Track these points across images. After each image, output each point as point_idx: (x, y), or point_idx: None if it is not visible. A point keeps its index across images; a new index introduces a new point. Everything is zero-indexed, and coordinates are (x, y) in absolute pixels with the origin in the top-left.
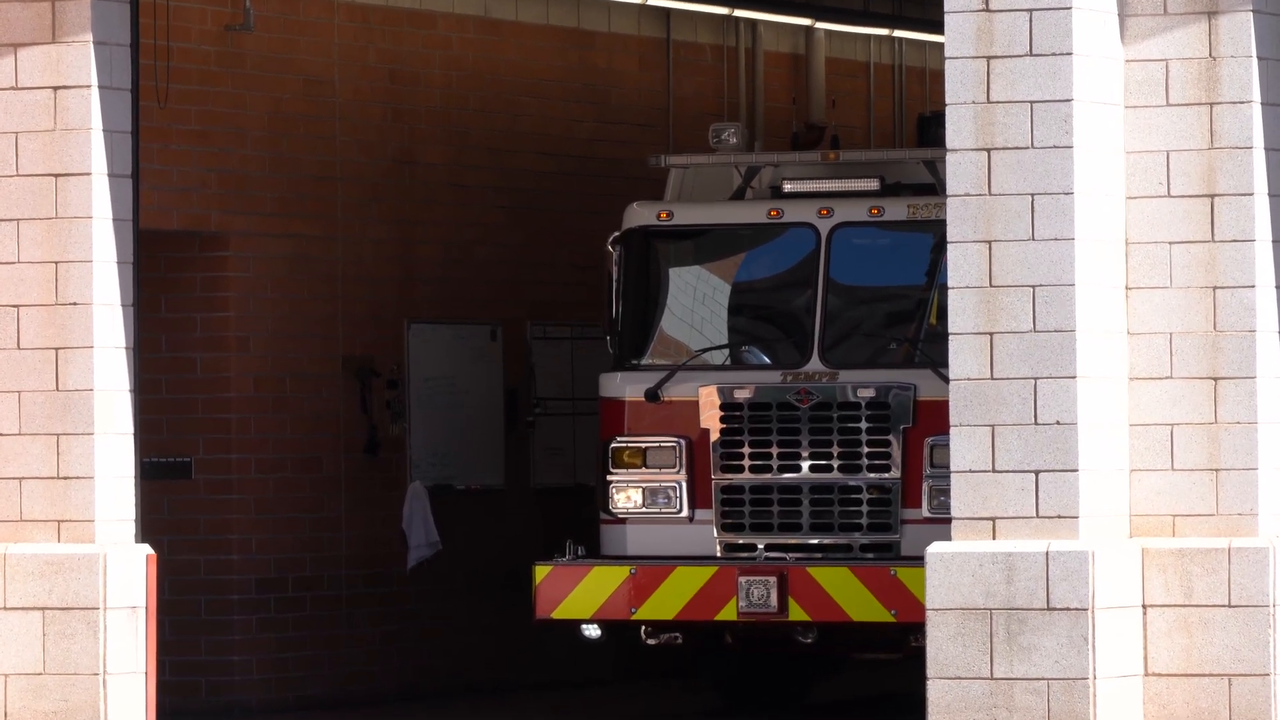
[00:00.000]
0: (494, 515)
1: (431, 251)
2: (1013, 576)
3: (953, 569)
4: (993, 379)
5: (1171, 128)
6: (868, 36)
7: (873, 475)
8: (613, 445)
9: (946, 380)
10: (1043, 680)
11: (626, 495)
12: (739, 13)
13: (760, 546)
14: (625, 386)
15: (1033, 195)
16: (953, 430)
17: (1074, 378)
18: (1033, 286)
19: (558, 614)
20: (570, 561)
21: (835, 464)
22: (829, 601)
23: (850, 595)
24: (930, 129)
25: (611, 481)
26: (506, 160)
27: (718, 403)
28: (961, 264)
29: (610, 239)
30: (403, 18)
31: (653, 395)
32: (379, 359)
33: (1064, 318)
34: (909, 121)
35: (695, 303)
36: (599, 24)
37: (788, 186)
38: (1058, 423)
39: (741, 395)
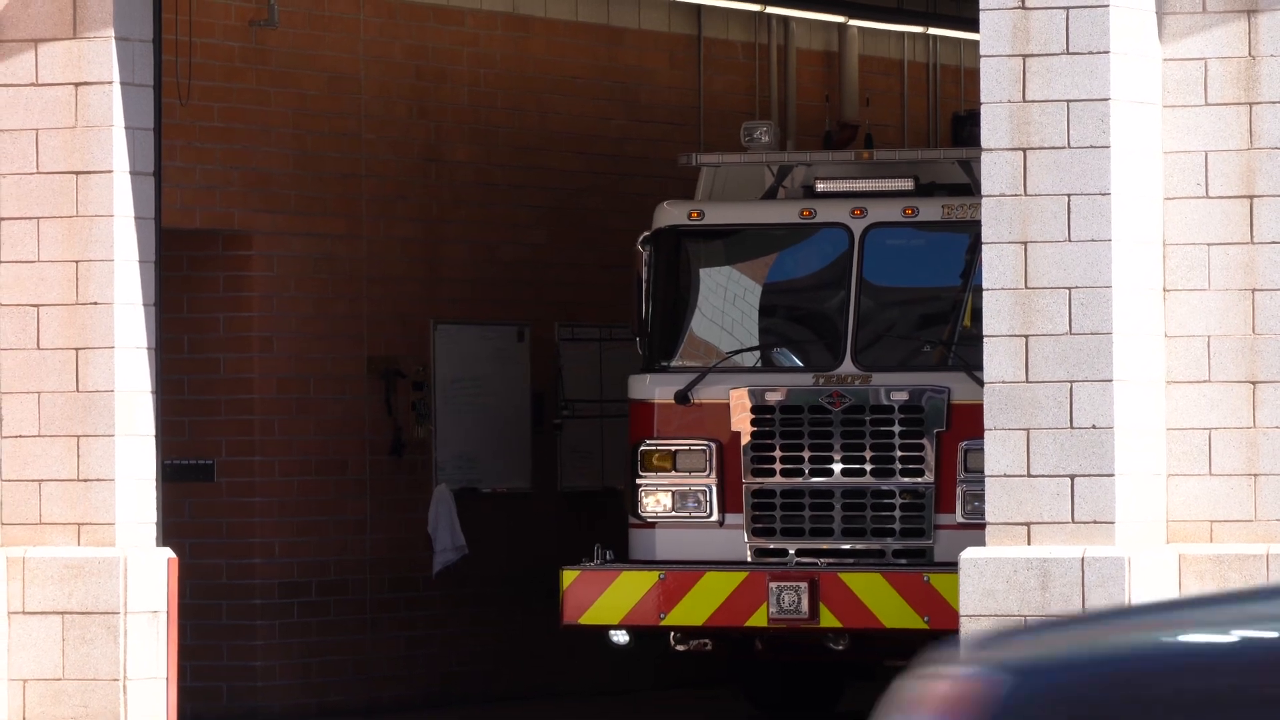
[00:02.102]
0: (520, 519)
1: (458, 251)
2: (1048, 583)
3: (987, 575)
4: (1028, 382)
5: (1210, 128)
6: (902, 34)
7: (906, 480)
8: (642, 448)
9: (981, 383)
10: None
11: (655, 499)
12: (771, 9)
13: (791, 552)
14: (655, 388)
15: (1069, 196)
16: (987, 434)
17: (1110, 381)
18: (1069, 288)
19: (585, 619)
20: (598, 566)
21: (868, 468)
22: (861, 608)
23: (882, 601)
24: (965, 128)
25: (640, 485)
26: (534, 159)
27: (749, 405)
28: (996, 265)
29: (640, 239)
30: (429, 13)
31: (683, 398)
32: (404, 360)
33: (1101, 320)
34: (943, 120)
35: (726, 304)
36: (629, 20)
37: (820, 186)
38: (1094, 427)
39: (773, 398)
